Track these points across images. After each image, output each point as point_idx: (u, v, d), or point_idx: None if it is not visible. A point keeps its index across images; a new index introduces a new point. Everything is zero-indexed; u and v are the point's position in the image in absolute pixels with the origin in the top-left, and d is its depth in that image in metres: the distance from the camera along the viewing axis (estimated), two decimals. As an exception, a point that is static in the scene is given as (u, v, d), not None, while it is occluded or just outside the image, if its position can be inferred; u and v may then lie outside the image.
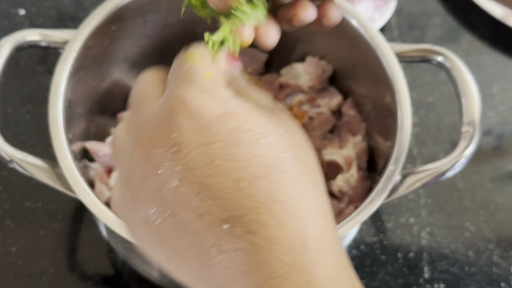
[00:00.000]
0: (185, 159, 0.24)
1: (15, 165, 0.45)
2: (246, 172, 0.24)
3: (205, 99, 0.25)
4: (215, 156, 0.24)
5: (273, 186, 0.24)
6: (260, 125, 0.25)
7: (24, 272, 0.58)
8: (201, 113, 0.25)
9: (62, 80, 0.49)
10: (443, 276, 0.60)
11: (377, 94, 0.55)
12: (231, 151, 0.24)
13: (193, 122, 0.24)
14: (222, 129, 0.24)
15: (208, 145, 0.24)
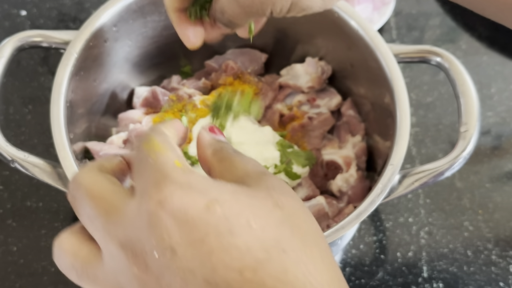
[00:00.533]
0: (183, 260, 0.23)
1: (16, 165, 0.46)
2: (249, 260, 0.23)
3: (184, 194, 0.24)
4: (212, 250, 0.23)
5: (279, 267, 0.23)
6: (248, 205, 0.24)
7: (25, 271, 0.58)
8: (184, 209, 0.23)
9: (63, 81, 0.49)
10: (442, 275, 0.60)
11: (376, 94, 0.55)
12: (227, 241, 0.23)
13: (180, 221, 0.23)
14: (212, 220, 0.23)
15: (202, 240, 0.23)
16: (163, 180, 0.24)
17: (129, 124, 0.58)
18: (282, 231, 0.24)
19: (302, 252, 0.24)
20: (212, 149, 0.29)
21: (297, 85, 0.61)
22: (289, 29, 0.61)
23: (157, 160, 0.25)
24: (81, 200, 0.26)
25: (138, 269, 0.24)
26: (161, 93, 0.59)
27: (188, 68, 0.65)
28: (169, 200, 0.23)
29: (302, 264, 0.24)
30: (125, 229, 0.24)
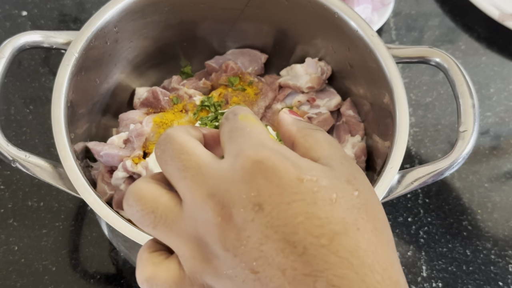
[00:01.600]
0: (268, 217, 0.25)
1: (17, 165, 0.46)
2: (327, 229, 0.25)
3: (280, 161, 0.26)
4: (296, 214, 0.25)
5: (352, 242, 0.25)
6: (332, 185, 0.26)
7: (26, 271, 0.58)
8: (278, 173, 0.25)
9: (64, 81, 0.49)
10: (441, 275, 0.60)
11: (376, 94, 0.56)
12: (311, 210, 0.25)
13: (272, 182, 0.25)
14: (301, 189, 0.25)
15: (289, 204, 0.25)
16: (261, 145, 0.26)
17: (129, 124, 0.58)
18: (358, 213, 0.26)
19: (372, 233, 0.26)
20: (296, 127, 0.31)
21: (297, 85, 0.61)
22: (289, 30, 0.62)
23: (254, 130, 0.28)
24: (172, 152, 0.28)
25: (222, 219, 0.25)
26: (161, 93, 0.59)
27: (189, 68, 0.66)
28: (265, 162, 0.26)
29: (372, 244, 0.25)
30: (215, 181, 0.26)
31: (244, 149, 0.26)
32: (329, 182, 0.26)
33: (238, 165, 0.26)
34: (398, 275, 0.26)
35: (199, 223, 0.26)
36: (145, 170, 0.53)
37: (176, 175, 0.27)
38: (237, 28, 0.63)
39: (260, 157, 0.26)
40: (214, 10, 0.60)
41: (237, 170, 0.26)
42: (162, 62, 0.63)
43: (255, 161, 0.26)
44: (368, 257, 0.25)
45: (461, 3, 0.79)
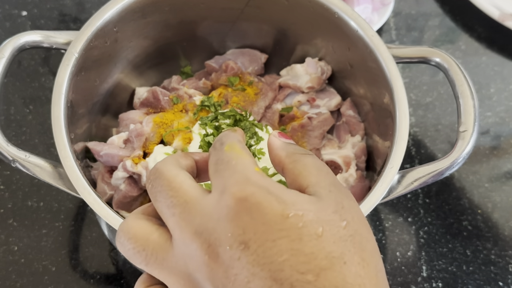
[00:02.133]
0: (254, 255, 0.25)
1: (17, 165, 0.46)
2: (313, 265, 0.25)
3: (264, 197, 0.26)
4: (282, 252, 0.25)
5: (339, 277, 0.25)
6: (318, 219, 0.26)
7: (26, 271, 0.58)
8: (263, 210, 0.26)
9: (64, 81, 0.49)
10: (441, 275, 0.60)
11: (376, 94, 0.56)
12: (296, 246, 0.25)
13: (257, 220, 0.26)
14: (285, 225, 0.25)
15: (274, 241, 0.25)
16: (245, 181, 0.27)
17: (129, 124, 0.58)
18: (345, 245, 0.26)
19: (360, 267, 0.26)
20: (285, 152, 0.31)
21: (297, 85, 0.61)
22: (289, 30, 0.62)
23: (239, 163, 0.28)
24: (161, 188, 0.28)
25: (209, 257, 0.26)
26: (161, 93, 0.59)
27: (188, 68, 0.66)
28: (249, 199, 0.26)
29: (360, 277, 0.26)
30: (202, 219, 0.26)
31: (228, 186, 0.26)
32: (315, 215, 0.26)
33: (223, 203, 0.26)
34: None
35: (188, 260, 0.27)
36: (145, 170, 0.53)
37: (165, 212, 0.28)
38: (237, 28, 0.63)
39: (244, 194, 0.26)
40: (214, 10, 0.60)
41: (222, 208, 0.26)
42: (162, 62, 0.63)
43: (240, 198, 0.26)
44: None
45: (461, 3, 0.79)
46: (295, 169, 0.29)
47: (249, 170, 0.27)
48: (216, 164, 0.28)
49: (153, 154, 0.54)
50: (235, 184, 0.26)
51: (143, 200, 0.56)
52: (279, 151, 0.31)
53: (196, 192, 0.28)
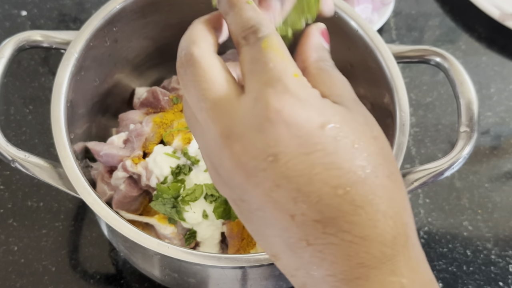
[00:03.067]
0: (283, 168, 0.24)
1: (17, 165, 0.46)
2: (345, 179, 0.24)
3: (301, 109, 0.25)
4: (314, 165, 0.24)
5: (371, 190, 0.25)
6: (354, 130, 0.25)
7: (26, 271, 0.58)
8: (299, 123, 0.24)
9: (64, 81, 0.49)
10: (441, 275, 0.60)
11: (376, 94, 0.56)
12: (331, 159, 0.24)
13: (292, 133, 0.24)
14: (323, 138, 0.24)
15: (308, 154, 0.24)
16: (284, 90, 0.25)
17: (129, 124, 0.58)
18: (377, 158, 0.26)
19: (389, 179, 0.26)
20: (317, 54, 0.29)
21: (297, 85, 0.61)
22: (289, 30, 0.62)
23: (277, 67, 0.25)
24: (194, 78, 0.26)
25: (230, 159, 0.25)
26: (161, 93, 0.59)
27: (188, 68, 0.66)
28: (286, 111, 0.24)
29: (388, 190, 0.25)
30: (232, 122, 0.25)
31: (264, 93, 0.25)
32: (351, 127, 0.25)
33: (256, 111, 0.25)
34: (409, 217, 0.26)
35: (212, 155, 0.26)
36: (144, 170, 0.53)
37: (195, 104, 0.27)
38: (237, 28, 0.63)
39: (282, 105, 0.24)
40: (214, 9, 0.60)
41: (255, 116, 0.25)
42: (162, 62, 0.63)
43: (276, 109, 0.24)
44: (383, 204, 0.25)
45: (462, 3, 0.79)
46: (319, 76, 0.28)
47: (288, 77, 0.25)
48: (251, 63, 0.26)
49: (153, 154, 0.54)
50: (273, 92, 0.24)
51: (143, 200, 0.56)
52: (311, 50, 0.29)
53: (230, 90, 0.26)
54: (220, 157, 0.26)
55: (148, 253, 0.48)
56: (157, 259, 0.50)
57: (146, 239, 0.43)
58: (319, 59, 0.29)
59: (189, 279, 0.51)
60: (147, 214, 0.56)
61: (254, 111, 0.25)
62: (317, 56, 0.29)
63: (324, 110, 0.25)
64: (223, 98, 0.26)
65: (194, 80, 0.26)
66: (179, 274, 0.51)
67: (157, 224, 0.53)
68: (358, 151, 0.25)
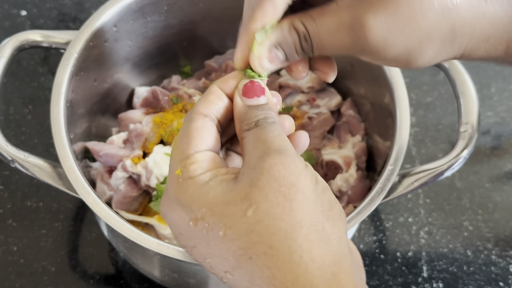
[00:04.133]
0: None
1: (16, 165, 0.46)
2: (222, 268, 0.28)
3: (173, 212, 0.30)
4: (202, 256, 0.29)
5: (247, 272, 0.27)
6: (223, 217, 0.27)
7: (25, 271, 0.58)
8: (175, 224, 0.30)
9: (63, 81, 0.49)
10: (441, 275, 0.60)
11: (376, 94, 0.55)
12: (206, 251, 0.28)
13: (174, 233, 0.31)
14: (194, 234, 0.28)
15: (192, 248, 0.29)
16: (164, 197, 0.31)
17: (129, 124, 0.58)
18: (249, 238, 0.27)
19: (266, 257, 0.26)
20: (239, 125, 0.30)
21: (297, 85, 0.61)
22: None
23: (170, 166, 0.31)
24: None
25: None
26: (161, 93, 0.59)
27: (188, 68, 0.66)
28: (166, 216, 0.30)
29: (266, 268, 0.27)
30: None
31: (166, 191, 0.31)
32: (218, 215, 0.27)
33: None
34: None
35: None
36: (144, 170, 0.53)
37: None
38: (237, 28, 0.62)
39: (163, 212, 0.31)
40: (214, 9, 0.60)
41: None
42: (162, 61, 0.63)
43: (163, 214, 0.31)
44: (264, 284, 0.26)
45: (462, 2, 0.79)
46: (243, 147, 0.30)
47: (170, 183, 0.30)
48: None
49: (153, 154, 0.54)
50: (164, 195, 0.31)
51: (142, 200, 0.56)
52: (237, 121, 0.31)
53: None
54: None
55: (148, 253, 0.48)
56: (157, 259, 0.50)
57: (146, 239, 0.43)
58: (243, 129, 0.30)
59: (189, 280, 0.51)
60: (147, 214, 0.56)
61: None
62: (239, 127, 0.30)
63: (192, 204, 0.28)
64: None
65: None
66: (179, 274, 0.51)
67: (157, 224, 0.53)
68: (225, 238, 0.27)
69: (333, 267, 0.26)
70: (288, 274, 0.26)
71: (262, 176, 0.27)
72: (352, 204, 0.56)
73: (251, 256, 0.26)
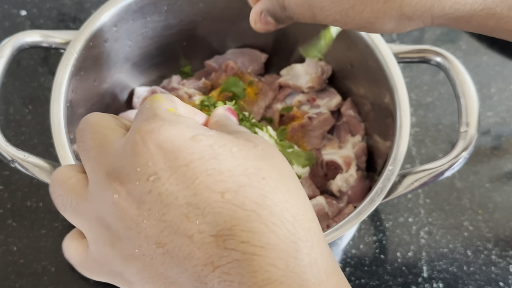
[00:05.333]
0: (166, 184, 0.24)
1: (16, 165, 0.46)
2: (231, 183, 0.24)
3: (171, 127, 0.25)
4: (196, 174, 0.24)
5: (258, 192, 0.24)
6: (232, 140, 0.25)
7: (25, 271, 0.58)
8: (171, 139, 0.24)
9: (63, 81, 0.49)
10: (441, 275, 0.60)
11: (376, 94, 0.55)
12: (211, 166, 0.24)
13: (165, 149, 0.24)
14: (198, 147, 0.24)
15: (186, 165, 0.24)
16: (153, 116, 0.26)
17: (129, 124, 0.58)
18: (262, 163, 0.25)
19: (279, 182, 0.25)
20: (217, 119, 0.30)
21: (297, 85, 0.61)
22: (289, 29, 0.61)
23: (152, 105, 0.27)
24: (83, 132, 0.27)
25: (119, 195, 0.24)
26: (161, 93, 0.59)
27: (188, 68, 0.66)
28: (156, 131, 0.25)
29: (280, 192, 0.25)
30: (113, 159, 0.25)
31: (137, 125, 0.25)
32: (227, 138, 0.25)
33: (130, 139, 0.25)
34: (311, 222, 0.25)
35: (100, 204, 0.25)
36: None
37: (83, 156, 0.27)
38: (237, 28, 0.63)
39: (151, 127, 0.25)
40: (214, 9, 0.60)
41: (130, 144, 0.25)
42: (162, 61, 0.63)
43: (145, 131, 0.25)
44: (276, 206, 0.24)
45: (462, 2, 0.79)
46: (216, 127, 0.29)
47: (160, 109, 0.26)
48: (136, 114, 0.28)
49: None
50: (143, 120, 0.25)
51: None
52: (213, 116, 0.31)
53: (114, 135, 0.27)
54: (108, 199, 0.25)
55: (148, 253, 0.48)
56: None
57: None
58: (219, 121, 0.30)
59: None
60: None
61: (128, 141, 0.25)
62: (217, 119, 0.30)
63: (196, 127, 0.26)
64: (106, 143, 0.26)
65: (83, 135, 0.28)
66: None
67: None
68: (238, 155, 0.25)
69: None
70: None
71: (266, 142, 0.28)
72: (352, 204, 0.56)
73: (264, 177, 0.25)
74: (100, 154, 0.26)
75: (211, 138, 0.25)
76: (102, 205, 0.25)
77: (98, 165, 0.26)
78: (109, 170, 0.25)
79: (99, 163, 0.26)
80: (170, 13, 0.58)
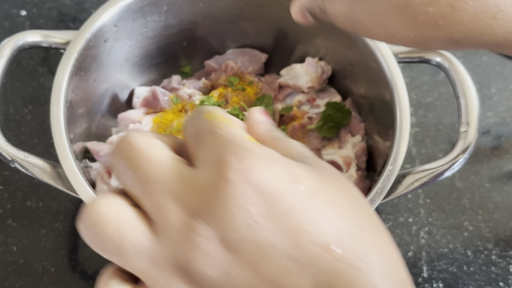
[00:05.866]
0: (265, 233, 0.21)
1: (16, 165, 0.46)
2: (332, 235, 0.22)
3: (267, 167, 0.22)
4: (298, 224, 0.22)
5: (362, 245, 0.22)
6: (324, 182, 0.23)
7: (25, 271, 0.58)
8: (268, 182, 0.22)
9: (63, 81, 0.49)
10: (441, 275, 0.60)
11: (376, 94, 0.55)
12: (313, 215, 0.22)
13: (263, 193, 0.21)
14: (297, 192, 0.22)
15: (286, 213, 0.22)
16: (243, 151, 0.22)
17: (129, 124, 0.58)
18: (356, 210, 0.23)
19: (376, 233, 0.23)
20: (266, 127, 0.27)
21: (297, 85, 0.61)
22: (289, 29, 0.61)
23: (228, 131, 0.23)
24: (131, 161, 0.23)
25: (207, 239, 0.21)
26: (161, 93, 0.59)
27: (188, 68, 0.66)
28: (253, 171, 0.22)
29: (379, 245, 0.23)
30: (191, 196, 0.22)
31: (223, 158, 0.22)
32: (321, 180, 0.23)
33: (219, 176, 0.22)
34: (404, 272, 0.24)
35: (178, 248, 0.22)
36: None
37: (138, 190, 0.23)
38: (237, 28, 0.63)
39: (246, 166, 0.22)
40: (214, 9, 0.60)
41: (221, 182, 0.22)
42: (162, 61, 0.63)
43: (240, 171, 0.21)
44: (377, 260, 0.22)
45: (462, 2, 0.79)
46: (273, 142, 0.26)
47: (242, 138, 0.23)
48: (197, 134, 0.24)
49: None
50: (232, 155, 0.22)
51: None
52: (258, 124, 0.27)
53: (179, 165, 0.23)
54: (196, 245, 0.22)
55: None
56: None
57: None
58: (268, 130, 0.27)
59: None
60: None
61: (216, 179, 0.22)
62: (266, 128, 0.27)
63: (289, 165, 0.23)
64: (172, 173, 0.23)
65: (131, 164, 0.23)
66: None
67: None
68: (336, 204, 0.23)
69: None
70: None
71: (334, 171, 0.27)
72: (352, 204, 0.56)
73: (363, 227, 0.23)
74: (169, 189, 0.22)
75: (306, 179, 0.23)
76: (181, 249, 0.22)
77: (168, 202, 0.22)
78: (189, 209, 0.22)
79: (170, 200, 0.22)
80: (170, 13, 0.58)
